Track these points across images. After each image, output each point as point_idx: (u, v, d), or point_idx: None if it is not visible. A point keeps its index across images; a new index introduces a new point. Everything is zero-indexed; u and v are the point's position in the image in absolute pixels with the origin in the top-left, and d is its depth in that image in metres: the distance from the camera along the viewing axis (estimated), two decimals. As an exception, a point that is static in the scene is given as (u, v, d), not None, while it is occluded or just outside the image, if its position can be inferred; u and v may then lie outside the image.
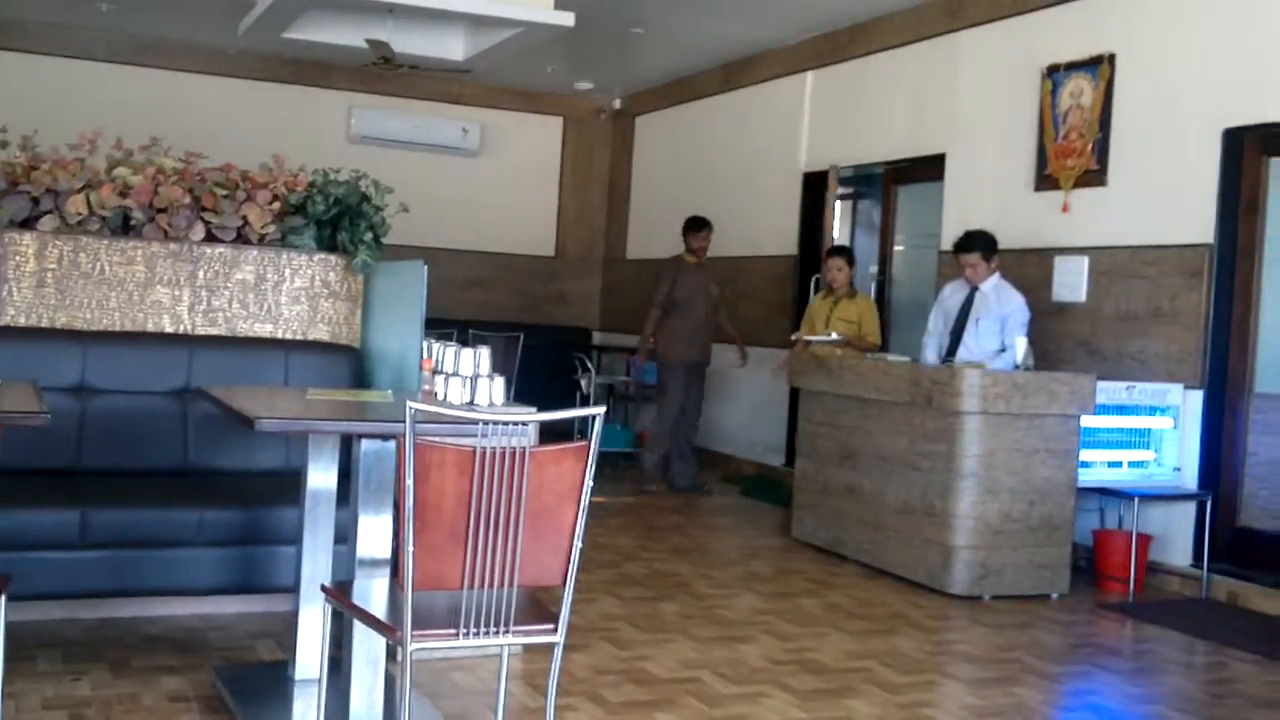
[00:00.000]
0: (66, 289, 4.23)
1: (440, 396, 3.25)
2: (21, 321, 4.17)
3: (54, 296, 4.22)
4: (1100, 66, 6.01)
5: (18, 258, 4.17)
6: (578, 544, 2.51)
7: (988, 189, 6.66)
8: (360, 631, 2.87)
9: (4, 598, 2.55)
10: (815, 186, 8.20)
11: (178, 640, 3.81)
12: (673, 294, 7.61)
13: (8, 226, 4.17)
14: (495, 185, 10.49)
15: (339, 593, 2.72)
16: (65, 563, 3.56)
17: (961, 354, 5.77)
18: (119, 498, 3.70)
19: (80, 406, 4.08)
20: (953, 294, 6.03)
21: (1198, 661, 4.44)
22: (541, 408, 2.71)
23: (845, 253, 6.98)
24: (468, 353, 3.32)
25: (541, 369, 8.73)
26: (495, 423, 2.39)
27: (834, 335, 6.55)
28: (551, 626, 2.53)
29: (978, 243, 5.81)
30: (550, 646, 2.53)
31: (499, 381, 3.30)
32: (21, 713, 3.10)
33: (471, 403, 3.23)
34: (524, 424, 2.44)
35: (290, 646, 3.38)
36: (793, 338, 6.87)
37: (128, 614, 3.97)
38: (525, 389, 6.48)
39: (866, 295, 7.07)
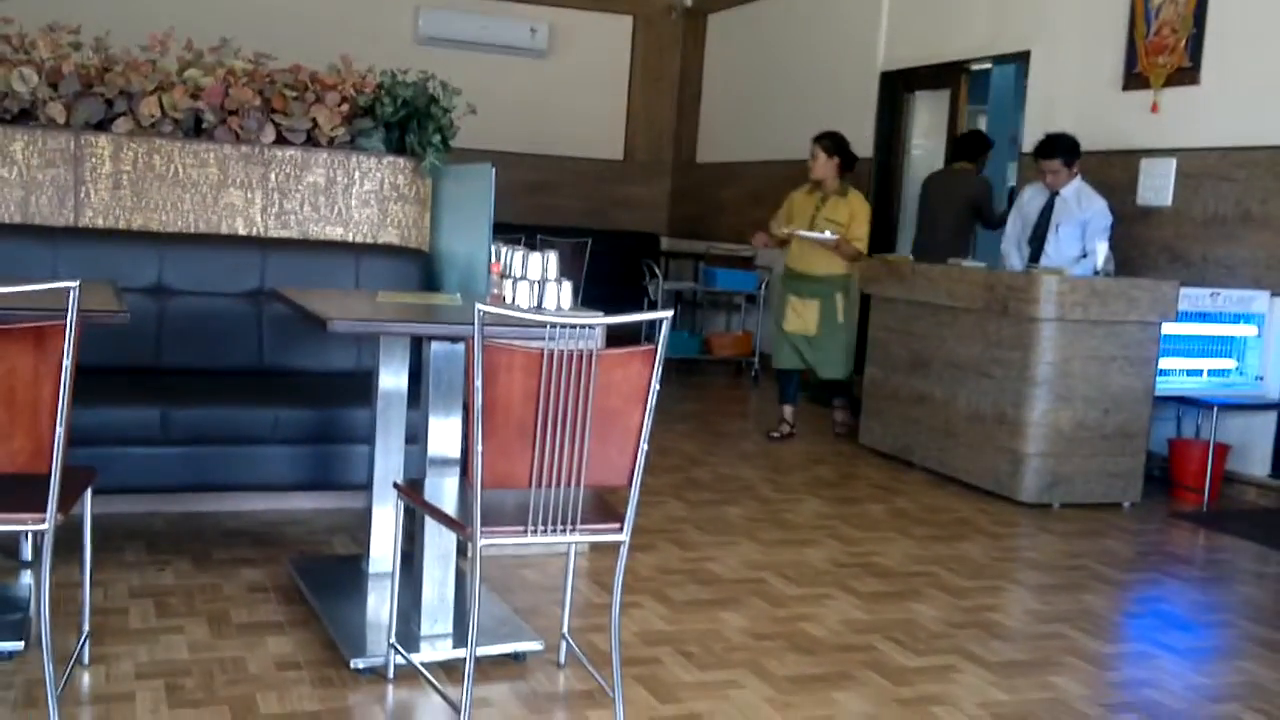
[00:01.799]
0: (142, 190, 4.29)
1: (508, 300, 3.26)
2: (100, 223, 4.25)
3: (130, 198, 4.28)
4: (1196, -43, 5.70)
5: (94, 160, 4.23)
6: (644, 446, 2.52)
7: (1073, 89, 6.42)
8: (431, 528, 2.93)
9: (90, 491, 2.64)
10: (893, 86, 7.98)
11: (256, 534, 3.93)
12: None
13: (84, 129, 4.22)
14: (563, 87, 10.36)
15: (411, 490, 2.78)
16: (147, 458, 3.68)
17: (1044, 262, 5.63)
18: (197, 396, 3.80)
19: (158, 307, 4.17)
20: (1032, 199, 5.86)
21: (1271, 572, 4.38)
22: (609, 313, 2.70)
23: (831, 139, 6.15)
24: (535, 257, 3.31)
25: (609, 275, 8.72)
26: (562, 325, 2.39)
27: (828, 234, 5.99)
28: (618, 526, 2.56)
29: (1059, 148, 5.61)
30: (616, 545, 2.57)
31: (566, 286, 3.29)
32: (110, 600, 3.25)
33: (539, 306, 3.24)
34: (591, 327, 2.44)
35: (364, 541, 3.47)
36: (785, 232, 6.16)
37: (209, 508, 4.11)
38: (593, 295, 6.48)
39: (860, 195, 6.23)
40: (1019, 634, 3.47)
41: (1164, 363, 5.29)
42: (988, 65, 7.55)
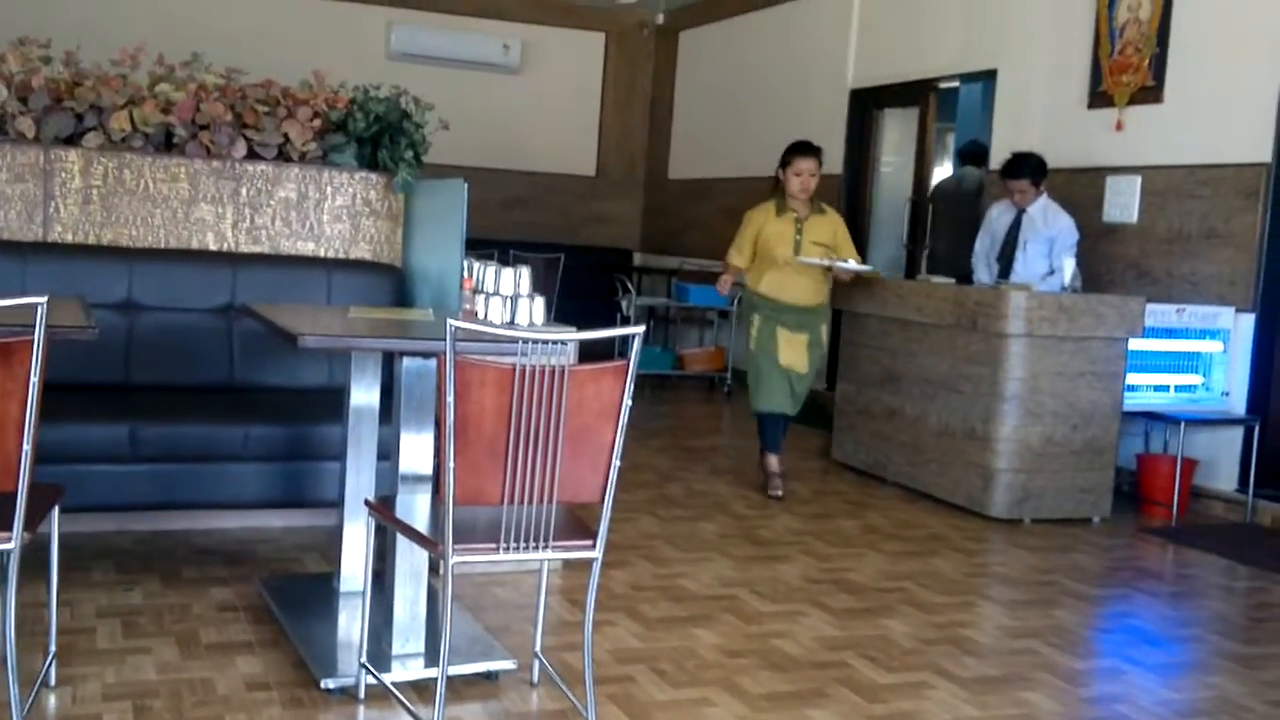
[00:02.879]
0: (112, 206, 4.26)
1: (481, 315, 3.25)
2: (69, 238, 4.21)
3: (100, 213, 4.25)
4: (1160, -22, 5.79)
5: (64, 174, 4.19)
6: (616, 462, 2.52)
7: (1039, 106, 6.50)
8: (403, 545, 2.91)
9: (57, 508, 2.61)
10: (862, 103, 8.05)
11: (226, 552, 3.90)
12: None
13: (53, 143, 4.19)
14: (536, 103, 10.38)
15: (382, 507, 2.76)
16: (116, 475, 3.64)
17: (1012, 279, 5.69)
18: (167, 413, 3.76)
19: (127, 322, 4.13)
20: (1000, 216, 5.92)
21: (1239, 586, 4.42)
22: (581, 328, 2.70)
23: (820, 153, 5.38)
24: (508, 272, 3.31)
25: (582, 290, 8.73)
26: (535, 341, 2.39)
27: (852, 263, 5.24)
28: (590, 542, 2.55)
29: (1027, 167, 5.67)
30: (589, 562, 2.56)
31: (539, 301, 3.29)
32: (76, 620, 3.20)
33: (512, 322, 3.23)
34: (563, 343, 2.44)
35: (335, 559, 3.45)
36: (801, 260, 5.20)
37: (178, 526, 4.06)
38: (566, 310, 6.48)
39: (835, 210, 5.63)
40: (991, 650, 3.49)
41: (1131, 378, 5.35)
42: (956, 83, 7.63)
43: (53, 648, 2.76)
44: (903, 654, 3.37)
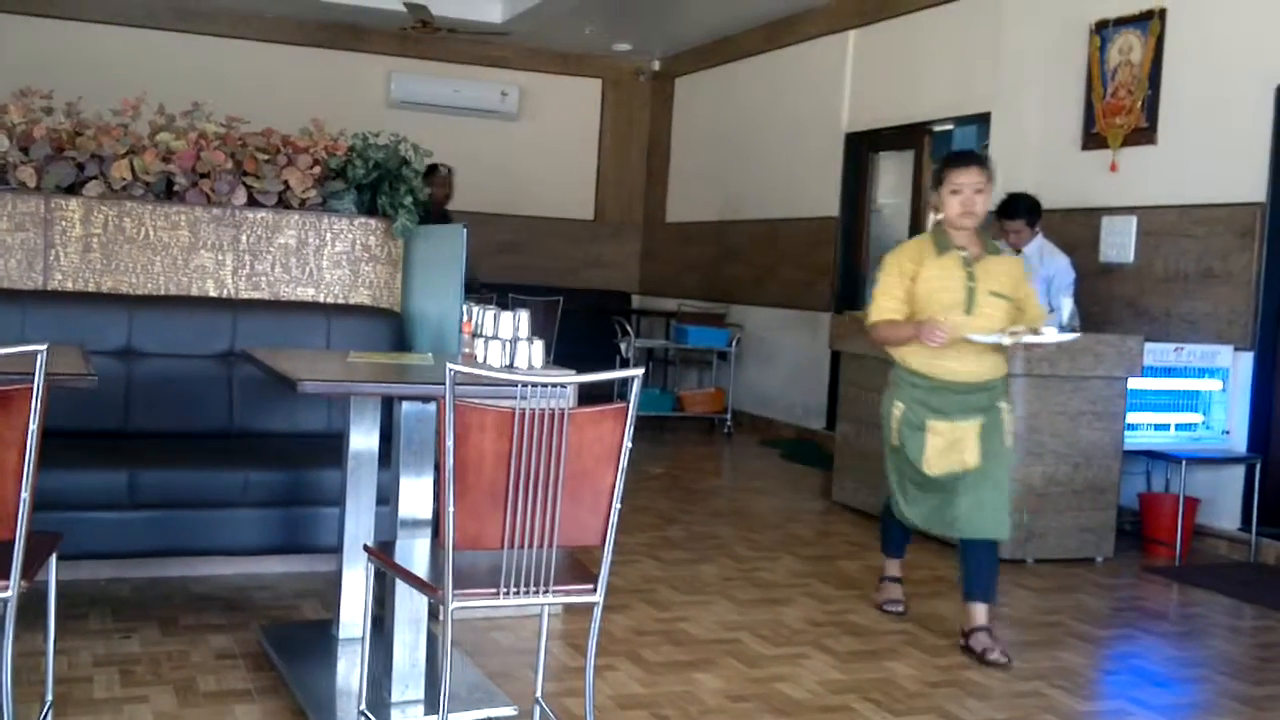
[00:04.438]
0: (112, 253, 4.28)
1: (480, 359, 3.26)
2: (69, 286, 4.23)
3: (100, 261, 4.27)
4: (1151, 22, 5.86)
5: (64, 223, 4.22)
6: (617, 505, 2.51)
7: (1034, 148, 6.55)
8: (402, 591, 2.90)
9: (55, 556, 2.59)
10: (857, 146, 8.12)
11: (225, 599, 3.87)
12: None
13: (54, 192, 4.21)
14: (534, 149, 10.46)
15: (382, 553, 2.75)
16: (114, 523, 3.62)
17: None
18: (166, 459, 3.76)
19: (127, 369, 4.13)
20: (997, 255, 5.94)
21: (1244, 625, 4.39)
22: (581, 371, 2.70)
23: (986, 162, 3.89)
24: (507, 316, 3.32)
25: (581, 333, 8.73)
26: (534, 384, 2.39)
27: (1054, 332, 3.84)
28: (591, 587, 2.54)
29: (1022, 208, 5.70)
30: (590, 607, 2.55)
31: (538, 344, 3.30)
32: (73, 668, 3.18)
33: (511, 365, 3.24)
34: (563, 386, 2.44)
35: (334, 606, 3.42)
36: (1017, 336, 3.69)
37: (176, 573, 4.04)
38: (565, 353, 6.49)
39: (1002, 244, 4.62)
40: (996, 693, 3.46)
41: (1131, 417, 5.35)
42: (950, 126, 7.70)
43: (49, 697, 2.73)
44: (908, 697, 3.34)
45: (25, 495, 2.25)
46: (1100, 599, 4.60)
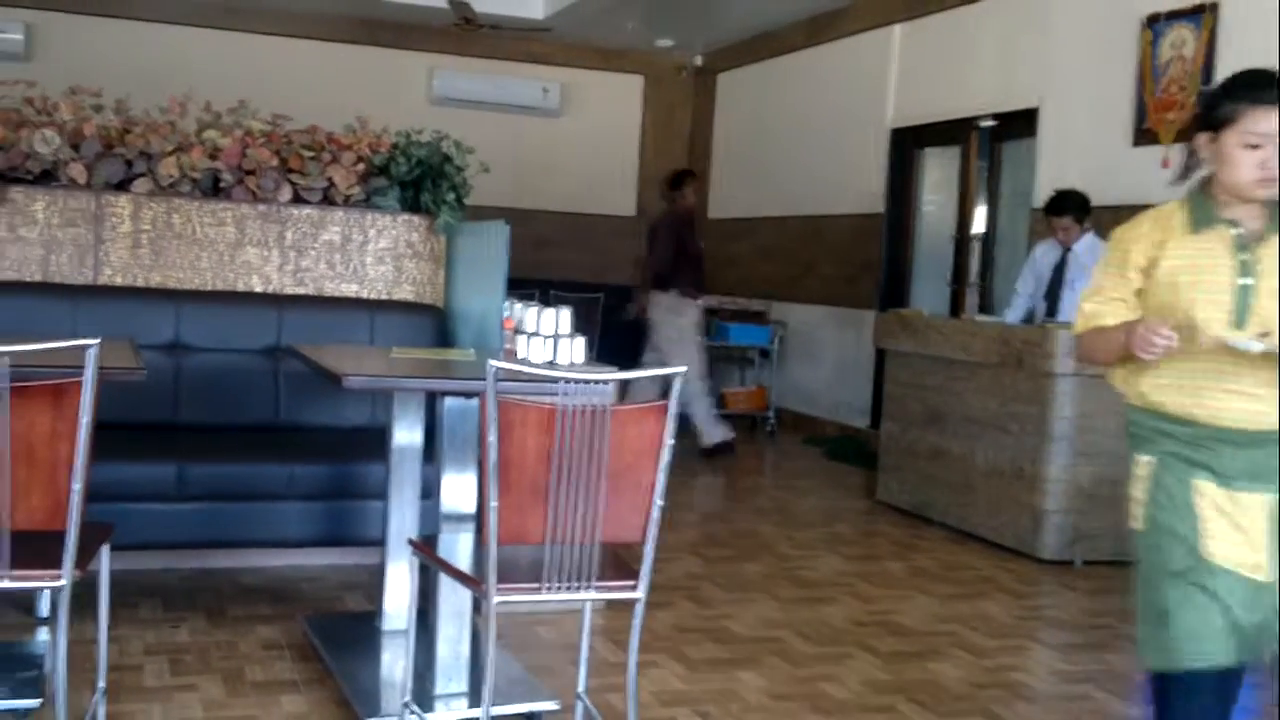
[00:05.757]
0: (160, 249, 4.33)
1: (521, 355, 3.26)
2: (118, 281, 4.29)
3: (148, 257, 4.32)
4: (1204, 16, 5.75)
5: (114, 219, 4.28)
6: (658, 501, 2.50)
7: (1083, 144, 6.45)
8: (446, 584, 2.91)
9: (107, 546, 2.63)
10: (902, 142, 8.04)
11: (271, 590, 3.91)
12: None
13: (104, 189, 4.28)
14: (576, 145, 10.46)
15: (425, 547, 2.76)
16: (163, 514, 3.67)
17: (1060, 318, 5.62)
18: (213, 452, 3.80)
19: (175, 363, 4.18)
20: (1044, 255, 5.87)
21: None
22: (622, 368, 2.70)
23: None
24: (549, 312, 3.32)
25: (623, 329, 8.73)
26: (576, 381, 2.38)
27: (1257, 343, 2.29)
28: (633, 583, 2.53)
29: (1070, 204, 5.62)
30: (632, 602, 2.54)
31: (580, 341, 3.29)
32: (125, 656, 3.22)
33: (553, 362, 3.24)
34: (604, 383, 2.43)
35: (378, 598, 3.45)
36: (1210, 339, 2.34)
37: (224, 565, 4.09)
38: (607, 349, 6.49)
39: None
40: (1044, 695, 3.41)
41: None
42: (995, 122, 7.61)
43: (102, 684, 2.77)
44: (953, 699, 3.31)
45: (78, 486, 2.28)
46: (1149, 601, 4.53)
